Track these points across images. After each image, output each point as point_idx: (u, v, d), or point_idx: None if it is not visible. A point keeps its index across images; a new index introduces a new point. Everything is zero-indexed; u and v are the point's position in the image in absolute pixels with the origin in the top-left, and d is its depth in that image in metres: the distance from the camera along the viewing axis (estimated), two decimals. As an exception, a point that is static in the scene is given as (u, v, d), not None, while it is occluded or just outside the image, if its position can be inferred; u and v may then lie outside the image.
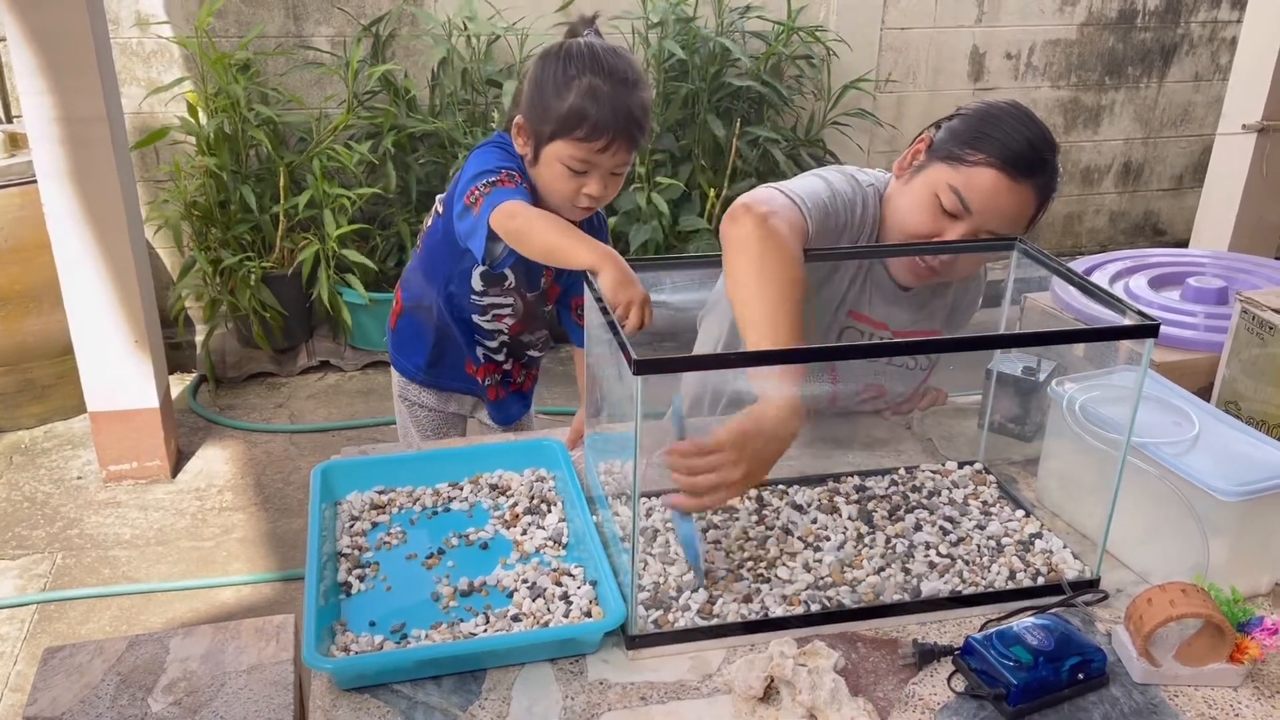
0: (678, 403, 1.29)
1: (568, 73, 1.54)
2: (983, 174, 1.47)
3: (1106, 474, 1.27)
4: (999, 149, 1.47)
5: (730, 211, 1.40)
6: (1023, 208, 1.50)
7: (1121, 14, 4.37)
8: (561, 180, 1.57)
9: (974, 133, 1.49)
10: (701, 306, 1.79)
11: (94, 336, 2.83)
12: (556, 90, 1.54)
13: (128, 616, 2.48)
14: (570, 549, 1.34)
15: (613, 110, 1.52)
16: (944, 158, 1.51)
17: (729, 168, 3.58)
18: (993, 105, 1.53)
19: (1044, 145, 1.49)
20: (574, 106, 1.52)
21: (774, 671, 1.10)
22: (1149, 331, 1.18)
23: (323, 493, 1.40)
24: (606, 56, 1.55)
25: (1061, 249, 4.73)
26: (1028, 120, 1.50)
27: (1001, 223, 1.49)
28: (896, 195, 1.58)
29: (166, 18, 3.47)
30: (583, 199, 1.59)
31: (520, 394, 1.93)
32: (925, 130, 1.58)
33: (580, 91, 1.52)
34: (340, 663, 1.11)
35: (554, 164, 1.57)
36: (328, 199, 3.40)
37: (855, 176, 1.60)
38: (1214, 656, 1.14)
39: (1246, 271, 2.16)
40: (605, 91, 1.52)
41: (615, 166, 1.58)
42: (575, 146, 1.54)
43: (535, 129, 1.58)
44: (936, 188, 1.50)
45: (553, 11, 3.68)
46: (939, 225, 1.51)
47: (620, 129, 1.54)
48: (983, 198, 1.47)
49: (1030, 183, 1.48)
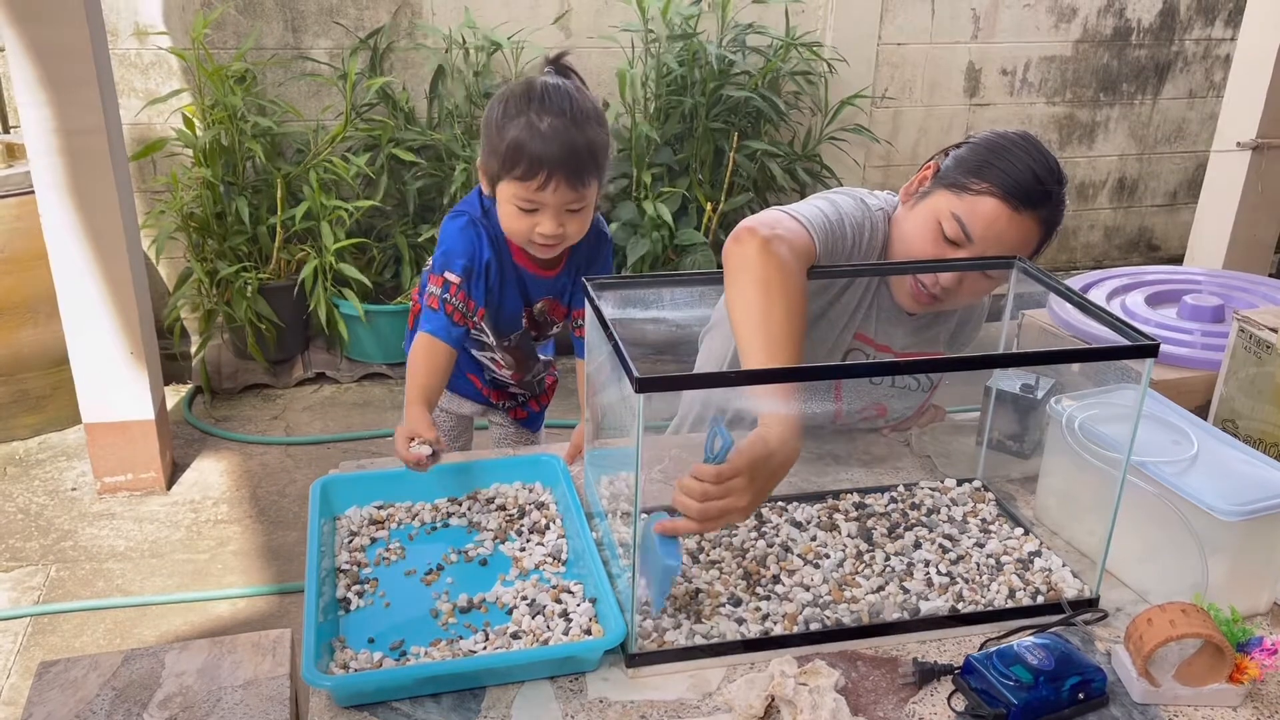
0: (725, 434, 1.18)
1: (508, 112, 1.52)
2: (985, 203, 1.48)
3: (1105, 492, 1.27)
4: (1002, 179, 1.47)
5: (735, 233, 1.41)
6: (1025, 238, 1.50)
7: (1116, 31, 4.40)
8: (514, 220, 1.55)
9: (980, 161, 1.50)
10: (700, 323, 1.79)
11: (90, 347, 2.82)
12: (499, 129, 1.52)
13: (122, 630, 2.47)
14: (570, 565, 1.33)
15: (548, 146, 1.48)
16: (949, 185, 1.51)
17: (726, 182, 3.59)
18: (1002, 135, 1.53)
19: (1049, 177, 1.49)
20: (510, 144, 1.50)
21: (775, 691, 1.10)
22: (1149, 351, 1.19)
23: (322, 507, 1.39)
24: (549, 93, 1.51)
25: (1057, 264, 4.75)
26: (1035, 152, 1.50)
27: (1002, 251, 1.50)
28: (902, 220, 1.58)
29: (165, 29, 3.47)
30: (537, 237, 1.56)
31: (541, 408, 1.97)
32: (934, 156, 1.59)
33: (516, 129, 1.49)
34: (339, 680, 1.11)
35: (505, 203, 1.55)
36: (325, 211, 3.40)
37: (865, 200, 1.60)
38: (1214, 676, 1.14)
39: (1242, 289, 2.17)
40: (541, 129, 1.48)
41: (567, 204, 1.53)
42: (516, 185, 1.51)
43: (487, 169, 1.56)
44: (940, 214, 1.51)
45: (549, 23, 3.70)
46: (940, 252, 1.52)
47: (557, 165, 1.49)
48: (984, 227, 1.48)
49: (1033, 214, 1.48)
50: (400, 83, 3.65)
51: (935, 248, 1.52)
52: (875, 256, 1.58)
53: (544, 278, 1.68)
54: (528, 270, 1.66)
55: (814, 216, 1.48)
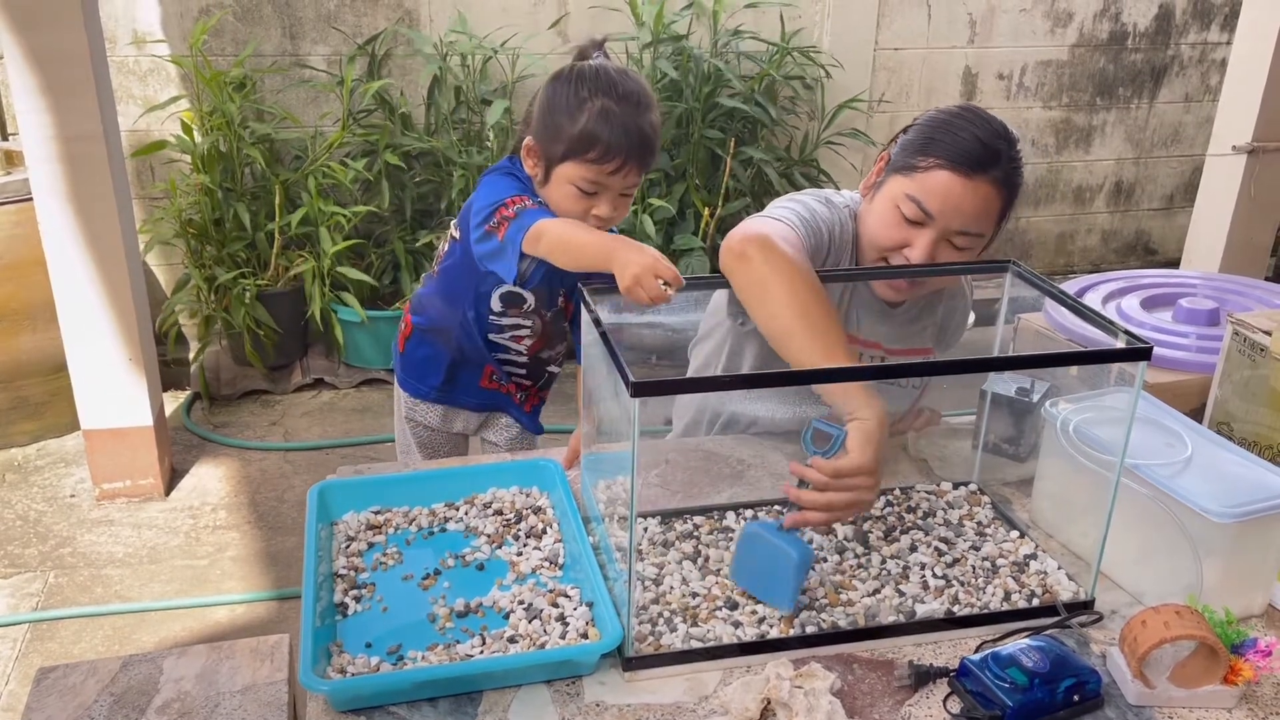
0: (836, 428, 1.26)
1: (579, 95, 1.55)
2: (935, 177, 1.49)
3: (1100, 495, 1.27)
4: (947, 150, 1.48)
5: (731, 248, 1.42)
6: (985, 203, 1.50)
7: (1112, 35, 4.41)
8: (571, 201, 1.59)
9: (924, 139, 1.51)
10: (696, 329, 1.79)
11: (88, 354, 2.83)
12: (569, 113, 1.55)
13: (120, 636, 2.47)
14: (566, 570, 1.34)
15: (625, 132, 1.54)
16: (899, 169, 1.53)
17: (723, 187, 3.60)
18: (943, 111, 1.54)
19: (994, 138, 1.49)
20: (586, 129, 1.54)
21: (770, 693, 1.10)
22: (1142, 355, 1.19)
23: (319, 513, 1.40)
24: (618, 78, 1.57)
25: (1054, 268, 4.75)
26: (976, 119, 1.50)
27: (966, 221, 1.50)
28: (864, 214, 1.60)
29: (163, 36, 3.48)
30: (591, 220, 1.59)
31: (541, 403, 1.97)
32: (884, 148, 1.60)
33: (592, 114, 1.54)
34: (337, 684, 1.11)
35: (564, 185, 1.58)
36: (323, 216, 3.40)
37: (830, 199, 1.62)
38: (1208, 678, 1.14)
39: (1237, 293, 2.17)
40: (617, 113, 1.54)
41: (625, 188, 1.60)
42: (587, 168, 1.56)
43: (546, 151, 1.59)
44: (896, 199, 1.52)
45: (545, 30, 3.71)
46: (905, 234, 1.52)
47: (632, 151, 1.55)
48: (939, 200, 1.49)
49: (985, 176, 1.48)
50: (398, 88, 3.66)
51: (898, 231, 1.53)
52: (847, 253, 1.60)
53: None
54: None
55: (792, 217, 1.51)
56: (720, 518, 1.45)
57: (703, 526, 1.43)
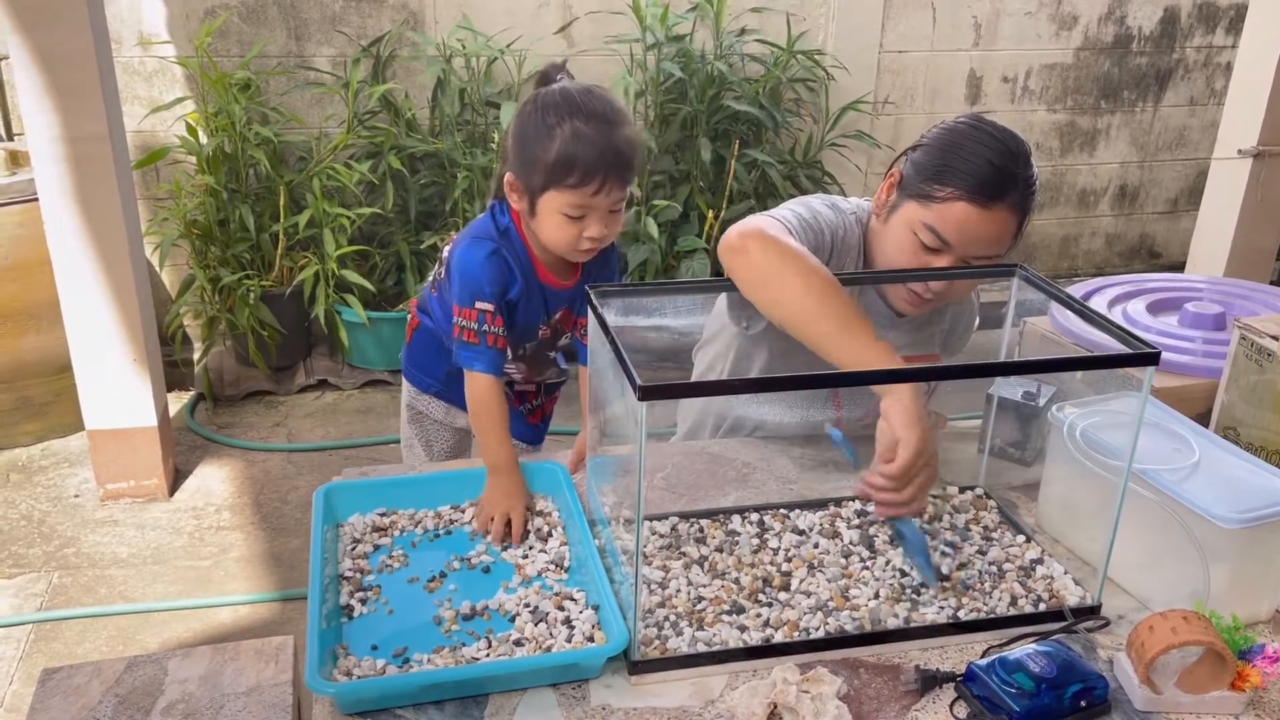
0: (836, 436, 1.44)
1: (547, 122, 1.52)
2: (953, 209, 1.48)
3: (1107, 500, 1.27)
4: (964, 180, 1.47)
5: (727, 245, 1.42)
6: (1002, 228, 1.50)
7: (1117, 39, 4.41)
8: (561, 229, 1.56)
9: (938, 165, 1.50)
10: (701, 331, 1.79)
11: (93, 354, 2.83)
12: (539, 141, 1.52)
13: (124, 636, 2.47)
14: (572, 573, 1.34)
15: (599, 151, 1.50)
16: (914, 196, 1.52)
17: (727, 189, 3.60)
18: (952, 129, 1.52)
19: (1009, 161, 1.47)
20: (561, 154, 1.50)
21: (777, 698, 1.10)
22: (1150, 359, 1.19)
23: (325, 514, 1.40)
24: (583, 99, 1.53)
25: (1059, 271, 4.75)
26: (988, 139, 1.48)
27: (984, 248, 1.51)
28: (879, 235, 1.59)
29: (169, 37, 3.48)
30: (584, 243, 1.57)
31: (546, 417, 1.97)
32: (894, 164, 1.59)
33: (564, 138, 1.50)
34: (343, 687, 1.11)
35: (551, 214, 1.55)
36: (327, 218, 3.41)
37: (838, 204, 1.62)
38: (1216, 684, 1.14)
39: (1243, 297, 2.17)
40: (588, 133, 1.50)
41: (612, 205, 1.56)
42: (569, 193, 1.52)
43: (527, 183, 1.56)
44: (913, 226, 1.52)
45: (552, 34, 3.71)
46: (923, 262, 1.53)
47: (610, 168, 1.51)
48: (957, 231, 1.49)
49: (1003, 204, 1.48)
50: (403, 90, 3.66)
51: (917, 259, 1.53)
52: (852, 257, 1.60)
53: (562, 289, 1.69)
54: (549, 285, 1.67)
55: (790, 216, 1.52)
56: (726, 521, 1.45)
57: (709, 530, 1.43)
